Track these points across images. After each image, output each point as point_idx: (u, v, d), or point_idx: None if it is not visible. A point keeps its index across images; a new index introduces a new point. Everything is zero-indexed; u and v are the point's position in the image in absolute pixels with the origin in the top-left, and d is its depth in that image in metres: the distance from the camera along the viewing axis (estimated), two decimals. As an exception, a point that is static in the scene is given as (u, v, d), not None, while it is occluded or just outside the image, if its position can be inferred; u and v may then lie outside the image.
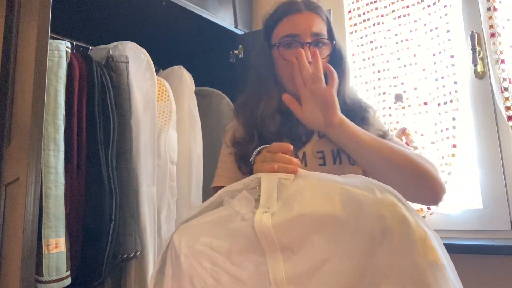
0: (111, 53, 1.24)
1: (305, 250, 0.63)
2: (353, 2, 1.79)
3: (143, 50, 1.31)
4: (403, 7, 1.61)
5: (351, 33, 1.79)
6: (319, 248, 0.62)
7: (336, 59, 0.98)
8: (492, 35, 1.28)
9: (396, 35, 1.62)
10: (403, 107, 1.55)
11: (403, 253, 0.55)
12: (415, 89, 1.55)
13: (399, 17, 1.62)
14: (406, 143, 1.49)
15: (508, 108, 1.24)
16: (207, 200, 0.75)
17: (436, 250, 0.55)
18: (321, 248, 0.61)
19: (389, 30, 1.64)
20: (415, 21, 1.58)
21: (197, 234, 0.70)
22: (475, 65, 1.39)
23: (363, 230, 0.59)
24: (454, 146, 1.38)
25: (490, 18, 1.30)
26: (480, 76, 1.40)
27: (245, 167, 0.92)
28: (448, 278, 0.53)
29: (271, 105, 0.95)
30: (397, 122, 1.55)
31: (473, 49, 1.39)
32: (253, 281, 0.66)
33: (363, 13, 1.74)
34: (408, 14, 1.60)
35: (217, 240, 0.68)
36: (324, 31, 0.96)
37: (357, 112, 0.98)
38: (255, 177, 0.72)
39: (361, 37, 1.74)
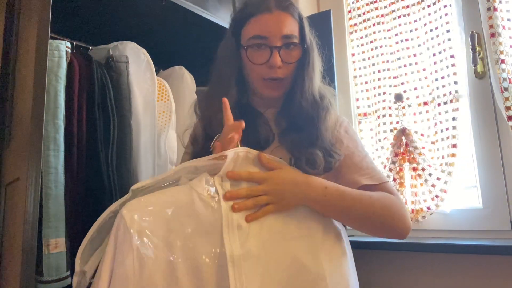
0: (111, 53, 1.24)
1: (258, 230, 0.72)
2: (353, 2, 1.79)
3: (143, 50, 1.30)
4: (403, 7, 1.62)
5: (351, 33, 1.79)
6: (272, 230, 0.73)
7: (303, 56, 0.92)
8: (492, 35, 1.28)
9: (396, 35, 1.62)
10: (403, 107, 1.55)
11: (327, 242, 0.78)
12: (415, 89, 1.55)
13: (399, 17, 1.62)
14: (406, 143, 1.49)
15: (508, 108, 1.24)
16: (162, 174, 0.75)
17: (344, 244, 0.81)
18: (274, 230, 0.74)
19: (389, 30, 1.64)
20: (415, 21, 1.58)
21: (152, 212, 0.69)
22: (475, 65, 1.39)
23: (305, 220, 0.77)
24: (454, 146, 1.38)
25: (490, 18, 1.30)
26: (480, 76, 1.40)
27: None
28: (348, 262, 0.80)
29: (232, 104, 0.89)
30: (397, 122, 1.55)
31: (473, 49, 1.39)
32: (208, 260, 0.67)
33: (363, 13, 1.74)
34: (408, 14, 1.60)
35: (174, 220, 0.69)
36: (295, 32, 0.91)
37: (308, 117, 0.91)
38: (221, 154, 0.73)
39: (361, 37, 1.74)
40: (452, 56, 1.43)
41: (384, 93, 1.61)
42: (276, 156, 0.83)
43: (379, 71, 1.65)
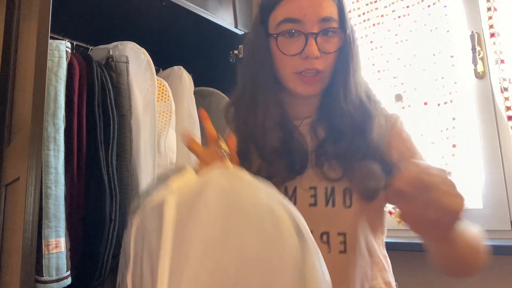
0: (111, 53, 1.24)
1: None
2: (353, 2, 1.79)
3: (143, 50, 1.30)
4: (403, 7, 1.61)
5: (351, 33, 1.78)
6: None
7: (344, 45, 0.75)
8: (492, 35, 1.29)
9: (396, 35, 1.61)
10: (403, 107, 1.55)
11: None
12: (415, 89, 1.55)
13: (399, 17, 1.62)
14: (406, 143, 1.49)
15: (508, 108, 1.24)
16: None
17: None
18: None
19: (389, 30, 1.64)
20: (415, 21, 1.58)
21: None
22: (475, 65, 1.39)
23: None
24: (454, 146, 1.38)
25: (490, 18, 1.30)
26: (480, 76, 1.40)
27: None
28: None
29: (271, 114, 0.76)
30: (397, 122, 1.55)
31: (473, 49, 1.39)
32: None
33: (363, 13, 1.74)
34: (408, 14, 1.60)
35: None
36: (335, 14, 0.73)
37: (355, 124, 0.74)
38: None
39: (361, 37, 1.73)
40: (452, 56, 1.42)
41: (384, 93, 1.61)
42: (312, 183, 0.73)
43: (379, 71, 1.64)
